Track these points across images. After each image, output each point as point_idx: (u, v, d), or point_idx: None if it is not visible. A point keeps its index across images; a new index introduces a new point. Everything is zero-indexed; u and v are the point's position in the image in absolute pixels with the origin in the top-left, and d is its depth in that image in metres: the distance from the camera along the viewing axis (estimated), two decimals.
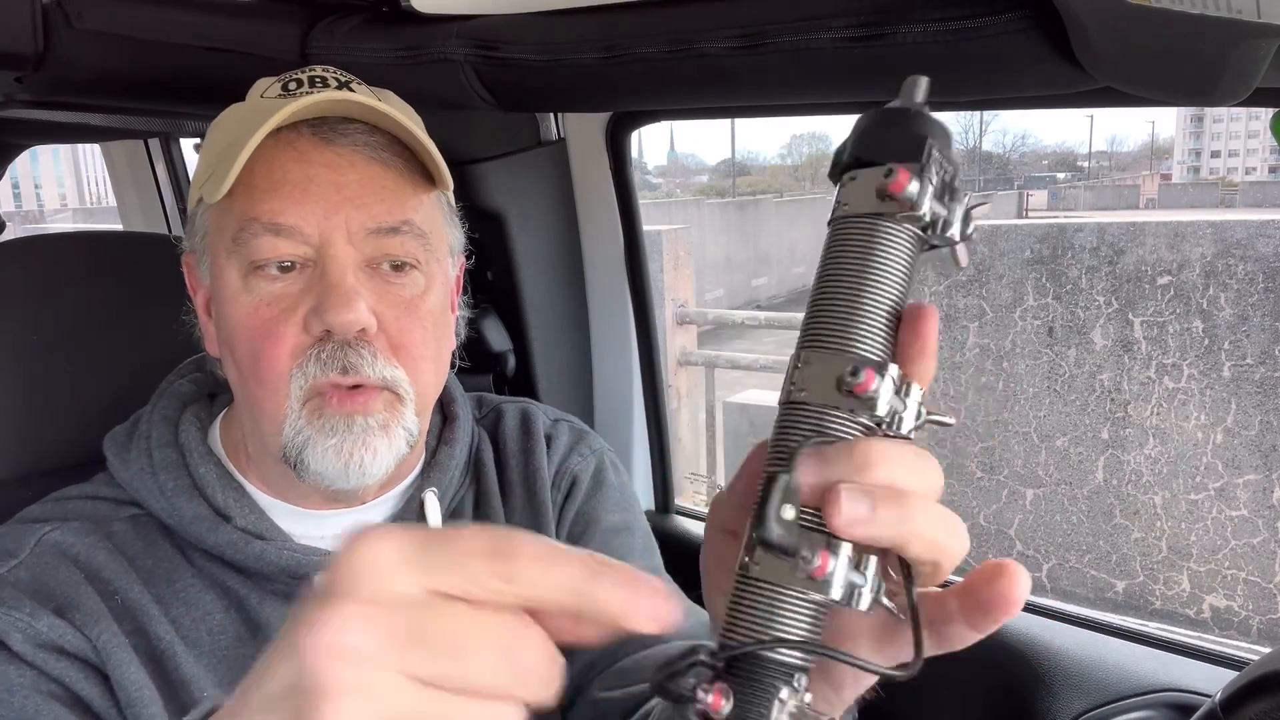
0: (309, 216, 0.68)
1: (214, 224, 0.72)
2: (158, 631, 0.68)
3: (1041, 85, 0.64)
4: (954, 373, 4.21)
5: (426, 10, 0.84)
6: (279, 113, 0.66)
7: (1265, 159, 72.54)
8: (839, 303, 0.36)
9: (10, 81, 0.99)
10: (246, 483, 0.76)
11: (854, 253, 0.37)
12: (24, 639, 0.64)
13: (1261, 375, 3.60)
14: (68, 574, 0.68)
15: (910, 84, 0.39)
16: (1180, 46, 0.51)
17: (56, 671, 0.64)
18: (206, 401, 0.81)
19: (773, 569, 0.34)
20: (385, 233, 0.70)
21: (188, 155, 1.95)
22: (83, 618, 0.66)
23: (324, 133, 0.70)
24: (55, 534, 0.71)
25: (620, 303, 1.39)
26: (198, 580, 0.72)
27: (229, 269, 0.70)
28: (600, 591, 0.31)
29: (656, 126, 7.35)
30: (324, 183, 0.68)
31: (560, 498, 0.87)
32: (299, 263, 0.69)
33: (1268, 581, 3.69)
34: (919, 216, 0.36)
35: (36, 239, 1.01)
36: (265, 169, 0.69)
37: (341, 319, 0.66)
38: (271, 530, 0.73)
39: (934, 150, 0.36)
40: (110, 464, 0.77)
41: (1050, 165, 72.36)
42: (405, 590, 0.30)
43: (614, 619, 0.31)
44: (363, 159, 0.70)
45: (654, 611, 0.31)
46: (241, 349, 0.70)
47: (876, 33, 0.62)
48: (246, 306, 0.69)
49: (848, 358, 0.35)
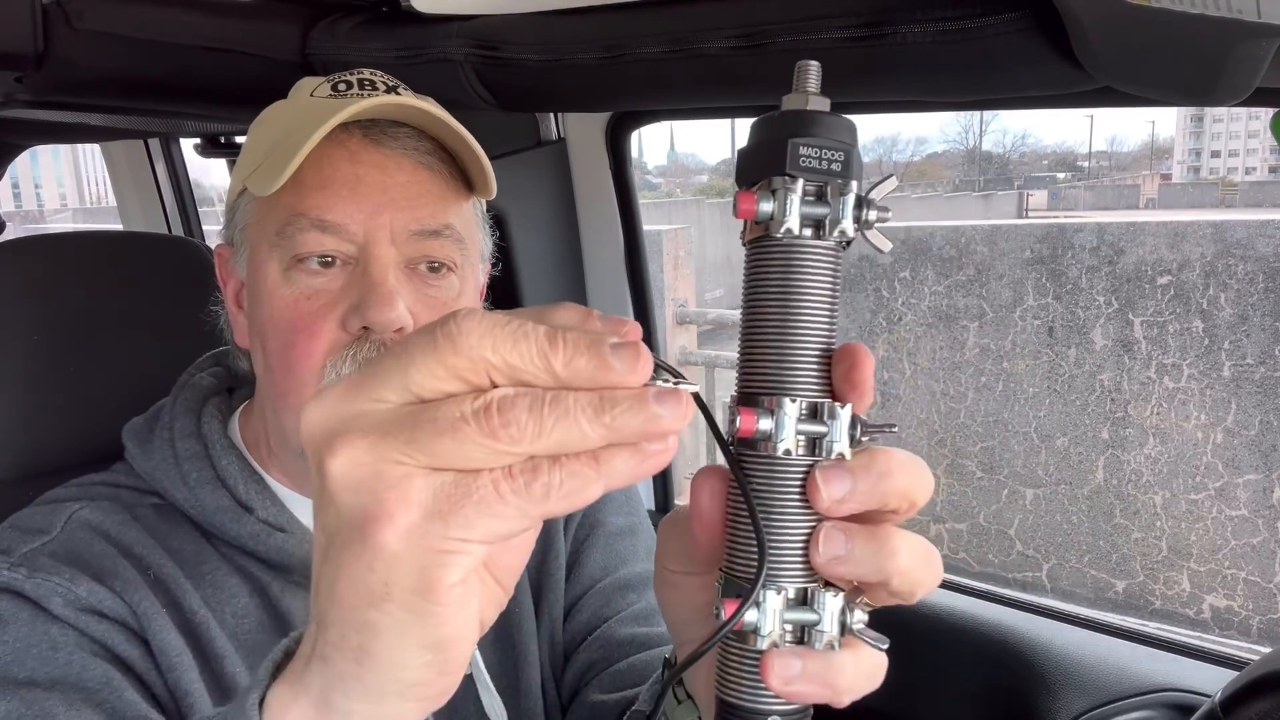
0: (356, 215, 0.69)
1: (257, 216, 0.73)
2: (191, 605, 0.69)
3: (1041, 85, 0.64)
4: (954, 373, 4.21)
5: (426, 10, 0.84)
6: (343, 111, 0.67)
7: (1265, 159, 72.56)
8: (744, 338, 0.36)
9: (10, 81, 0.99)
10: (267, 476, 0.76)
11: (753, 282, 0.36)
12: (64, 603, 0.64)
13: (1261, 375, 3.60)
14: (102, 548, 0.69)
15: (800, 70, 0.37)
16: (1180, 46, 0.51)
17: (98, 633, 0.64)
18: (226, 395, 0.82)
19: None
20: (427, 235, 0.71)
21: (188, 155, 1.95)
22: (121, 585, 0.67)
23: (375, 134, 0.71)
24: (85, 512, 0.71)
25: (620, 303, 1.40)
26: (223, 565, 0.73)
27: (270, 261, 0.71)
28: (556, 314, 0.32)
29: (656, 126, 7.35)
30: (372, 183, 0.69)
31: None
32: (341, 260, 0.70)
33: (1268, 581, 3.69)
34: (785, 232, 0.34)
35: (36, 239, 1.01)
36: (315, 166, 0.69)
37: (383, 317, 0.67)
38: (292, 523, 0.74)
39: (799, 150, 0.34)
40: (130, 454, 0.77)
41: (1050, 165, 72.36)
42: (373, 409, 0.31)
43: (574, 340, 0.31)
44: (411, 162, 0.71)
45: (622, 357, 0.30)
46: (276, 341, 0.70)
47: (876, 33, 0.62)
48: (286, 299, 0.70)
49: (735, 398, 0.36)
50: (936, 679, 1.13)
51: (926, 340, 4.26)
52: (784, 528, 0.35)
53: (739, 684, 0.37)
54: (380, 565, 0.30)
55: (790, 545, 0.35)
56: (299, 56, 0.92)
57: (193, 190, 1.99)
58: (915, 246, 4.25)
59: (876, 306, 4.32)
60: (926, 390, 4.28)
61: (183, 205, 1.96)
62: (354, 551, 0.31)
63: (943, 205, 25.92)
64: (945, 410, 4.25)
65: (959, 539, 4.19)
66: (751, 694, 0.36)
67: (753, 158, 0.36)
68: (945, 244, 4.21)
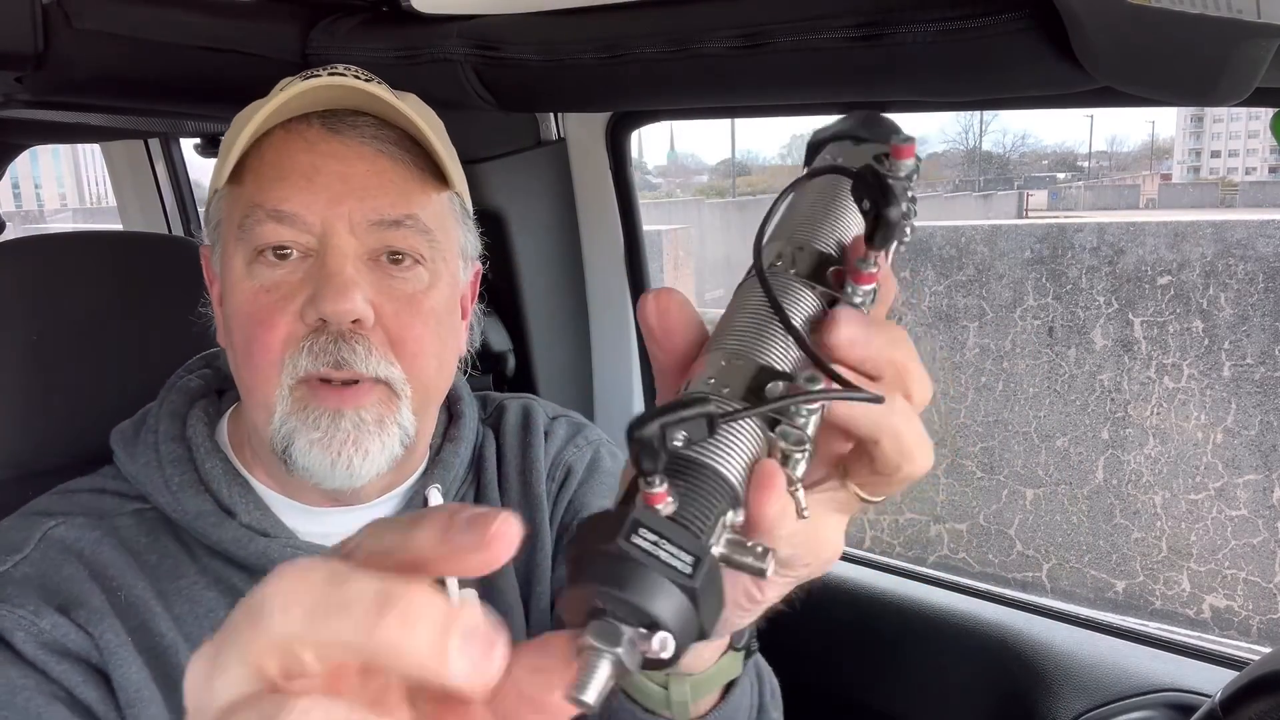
0: (312, 205, 0.68)
1: (225, 212, 0.72)
2: (160, 629, 0.68)
3: (1041, 85, 0.64)
4: (954, 373, 4.21)
5: (426, 10, 0.84)
6: (281, 96, 0.67)
7: (1265, 159, 72.57)
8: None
9: (10, 81, 0.99)
10: (252, 478, 0.76)
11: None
12: (27, 637, 0.64)
13: (1261, 375, 3.60)
14: (72, 570, 0.68)
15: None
16: (1180, 46, 0.51)
17: (59, 674, 0.64)
18: (215, 397, 0.81)
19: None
20: (388, 225, 0.69)
21: (188, 155, 1.95)
22: (86, 615, 0.66)
23: (333, 124, 0.70)
24: (60, 529, 0.70)
25: (620, 303, 1.40)
26: (201, 578, 0.72)
27: (235, 255, 0.70)
28: (418, 531, 0.28)
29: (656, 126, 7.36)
30: (329, 173, 0.69)
31: (555, 488, 0.87)
32: (300, 251, 0.69)
33: (1268, 581, 3.69)
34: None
35: (36, 239, 1.01)
36: (274, 157, 0.69)
37: (336, 308, 0.66)
38: (276, 527, 0.73)
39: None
40: (117, 457, 0.77)
41: (1050, 165, 72.38)
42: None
43: (435, 556, 0.27)
44: (371, 151, 0.70)
45: (471, 536, 0.27)
46: (240, 335, 0.70)
47: (876, 33, 0.62)
48: (247, 292, 0.69)
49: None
50: (936, 679, 1.13)
51: (926, 340, 4.26)
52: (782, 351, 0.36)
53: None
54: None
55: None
56: (299, 56, 0.92)
57: (193, 190, 1.99)
58: (915, 246, 4.26)
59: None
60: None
61: (183, 205, 1.96)
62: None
63: (943, 205, 25.90)
64: (945, 410, 4.25)
65: (959, 539, 4.19)
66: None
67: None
68: (945, 244, 4.21)
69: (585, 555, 0.29)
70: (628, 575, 0.28)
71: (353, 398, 0.68)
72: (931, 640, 1.14)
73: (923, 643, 1.14)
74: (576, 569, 0.29)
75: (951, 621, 1.14)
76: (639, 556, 0.28)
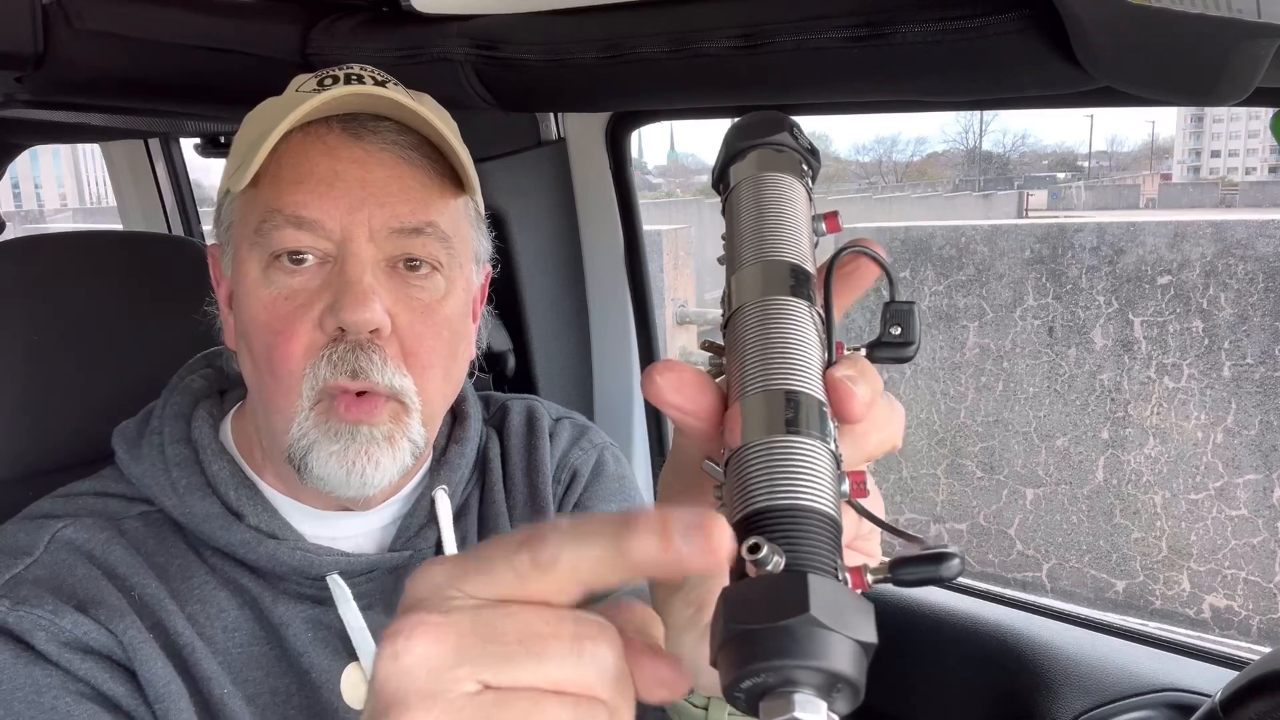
0: (332, 211, 0.67)
1: (240, 215, 0.72)
2: (177, 627, 0.67)
3: (1041, 85, 0.64)
4: (954, 373, 4.21)
5: (426, 10, 0.84)
6: (305, 104, 0.66)
7: (1265, 159, 72.54)
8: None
9: (10, 81, 0.99)
10: (260, 480, 0.75)
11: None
12: (48, 637, 0.63)
13: (1261, 375, 3.60)
14: (85, 570, 0.67)
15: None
16: (1180, 46, 0.51)
17: (83, 671, 0.63)
18: (218, 398, 0.81)
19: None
20: (408, 233, 0.69)
21: (188, 155, 1.95)
22: (106, 613, 0.65)
23: (354, 129, 0.69)
24: (69, 530, 0.70)
25: (620, 303, 1.40)
26: (211, 578, 0.71)
27: (250, 260, 0.69)
28: (634, 539, 0.30)
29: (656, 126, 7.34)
30: (350, 178, 0.68)
31: (560, 491, 0.87)
32: (319, 257, 0.68)
33: (1268, 581, 3.69)
34: None
35: (36, 239, 1.01)
36: (293, 161, 0.68)
37: (356, 317, 0.66)
38: (284, 529, 0.73)
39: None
40: (120, 459, 0.76)
41: (1050, 165, 72.35)
42: (461, 603, 0.31)
43: (655, 566, 0.30)
44: (391, 157, 0.69)
45: (694, 546, 0.29)
46: (257, 343, 0.69)
47: (876, 33, 0.62)
48: (264, 299, 0.68)
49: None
50: (936, 679, 1.13)
51: (926, 340, 4.26)
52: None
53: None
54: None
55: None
56: (299, 56, 0.91)
57: (193, 190, 1.99)
58: (915, 246, 4.26)
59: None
60: (926, 390, 4.28)
61: (183, 205, 1.97)
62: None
63: (942, 205, 25.90)
64: (945, 410, 4.25)
65: (959, 539, 4.19)
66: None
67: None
68: (945, 244, 4.21)
69: (762, 632, 0.28)
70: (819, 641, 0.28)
71: (368, 413, 0.68)
72: (932, 640, 1.14)
73: (923, 643, 1.14)
74: (747, 649, 0.28)
75: (951, 621, 1.14)
76: (829, 623, 0.29)
